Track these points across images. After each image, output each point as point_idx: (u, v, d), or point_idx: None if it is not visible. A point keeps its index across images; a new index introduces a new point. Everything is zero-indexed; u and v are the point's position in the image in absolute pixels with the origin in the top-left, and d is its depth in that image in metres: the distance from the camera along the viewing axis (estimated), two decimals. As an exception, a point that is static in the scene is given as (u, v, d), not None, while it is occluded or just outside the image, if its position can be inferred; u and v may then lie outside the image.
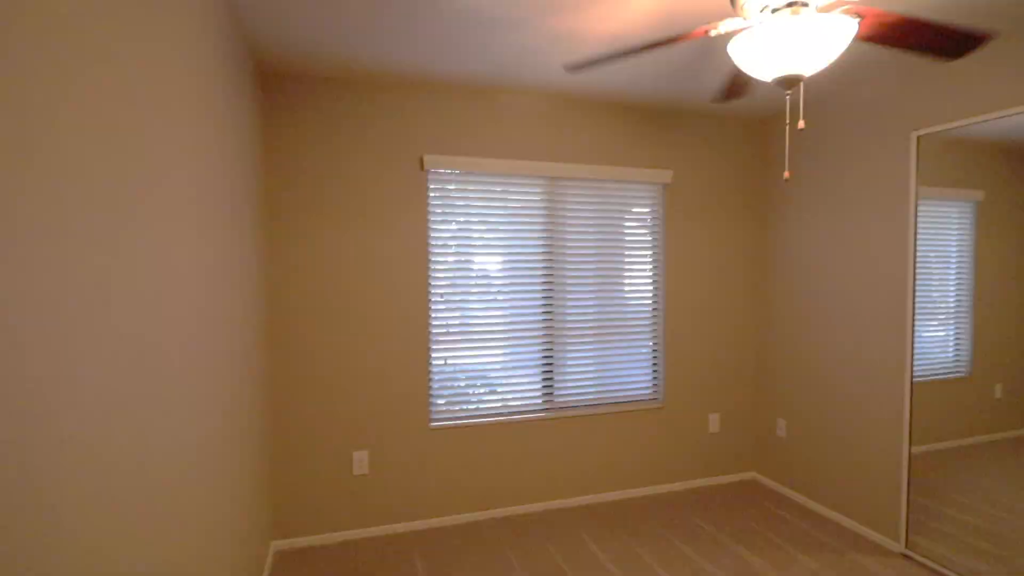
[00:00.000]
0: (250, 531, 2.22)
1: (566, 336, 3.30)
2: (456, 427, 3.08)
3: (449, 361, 3.09)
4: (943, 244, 2.57)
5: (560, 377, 3.31)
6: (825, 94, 3.09)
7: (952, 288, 2.54)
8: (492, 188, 3.13)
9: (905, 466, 2.73)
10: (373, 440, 2.95)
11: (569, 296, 3.30)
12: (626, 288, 3.43)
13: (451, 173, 3.04)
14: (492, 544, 2.85)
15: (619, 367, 3.43)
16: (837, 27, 1.39)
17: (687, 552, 2.76)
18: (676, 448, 3.54)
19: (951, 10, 2.09)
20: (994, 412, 2.41)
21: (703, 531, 2.98)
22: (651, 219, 3.46)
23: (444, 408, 3.10)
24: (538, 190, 3.20)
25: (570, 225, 3.28)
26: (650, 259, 3.46)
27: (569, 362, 3.33)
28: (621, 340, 3.42)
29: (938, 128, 2.56)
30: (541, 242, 3.23)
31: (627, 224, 3.41)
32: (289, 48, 2.42)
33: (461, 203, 3.09)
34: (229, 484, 1.84)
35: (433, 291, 3.04)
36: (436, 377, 3.08)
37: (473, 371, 3.15)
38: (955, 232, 2.52)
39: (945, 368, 2.59)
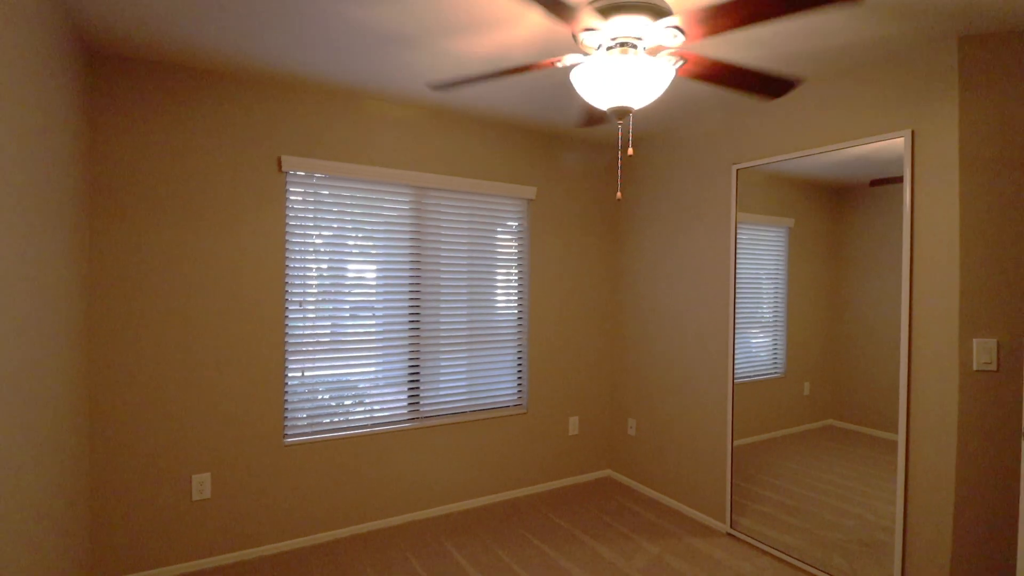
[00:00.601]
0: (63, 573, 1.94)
1: (436, 346, 3.32)
2: (316, 442, 2.95)
3: (309, 373, 2.95)
4: (765, 262, 2.99)
5: (428, 387, 3.31)
6: (668, 127, 3.46)
7: (771, 301, 2.95)
8: (368, 196, 3.08)
9: (729, 456, 3.11)
10: (216, 461, 2.72)
11: (440, 306, 3.33)
12: (494, 299, 3.54)
13: (320, 178, 2.94)
14: (350, 562, 2.76)
15: (487, 376, 3.52)
16: (660, 69, 1.59)
17: (544, 549, 2.89)
18: (539, 452, 3.70)
19: (763, 57, 2.46)
20: (803, 406, 2.83)
21: (560, 528, 3.14)
22: (517, 232, 3.61)
23: (304, 423, 2.95)
24: (407, 200, 3.20)
25: (441, 236, 3.32)
26: (516, 271, 3.61)
27: (440, 372, 3.34)
28: (489, 349, 3.52)
29: (751, 163, 2.98)
30: (410, 252, 3.22)
31: (495, 237, 3.52)
32: (127, 29, 2.20)
33: (335, 209, 3.00)
34: (22, 528, 1.60)
35: (292, 300, 2.90)
36: (299, 390, 2.93)
37: (340, 383, 3.05)
38: (773, 253, 2.94)
39: (766, 369, 2.99)
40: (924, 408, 2.30)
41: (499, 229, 3.55)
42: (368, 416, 3.13)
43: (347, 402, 3.08)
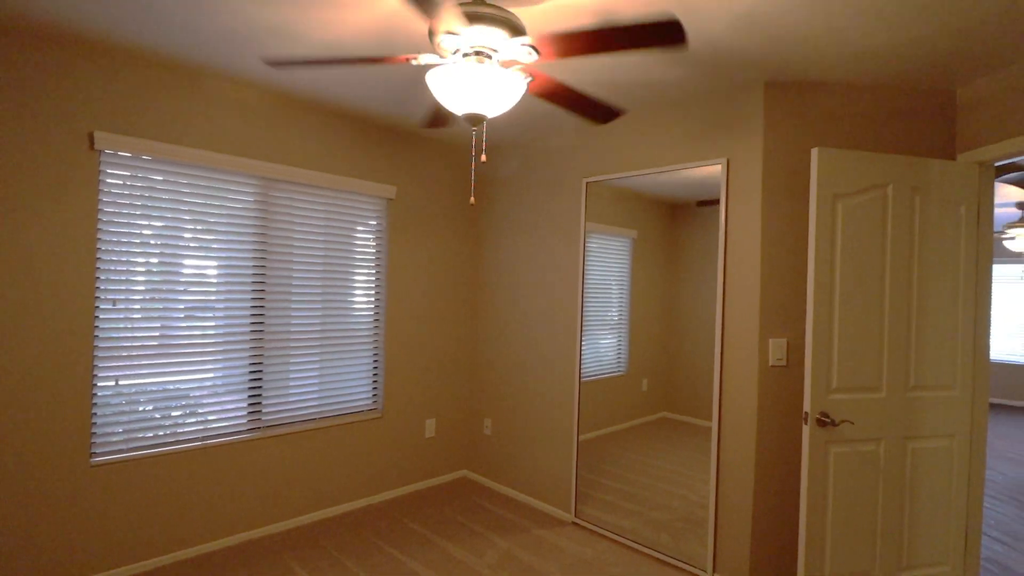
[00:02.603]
0: None
1: (285, 349, 3.10)
2: (134, 460, 2.60)
3: (128, 381, 2.59)
4: (613, 270, 3.23)
5: (273, 394, 3.08)
6: (526, 138, 3.61)
7: (617, 305, 3.20)
8: (211, 185, 2.79)
9: (575, 450, 3.32)
10: None
11: (292, 307, 3.12)
12: (350, 300, 3.40)
13: (150, 161, 2.60)
14: (176, 591, 2.47)
15: (340, 380, 3.36)
16: (513, 81, 1.65)
17: (395, 555, 2.84)
18: (394, 456, 3.62)
19: (602, 84, 2.67)
20: (642, 401, 3.10)
21: (414, 532, 3.11)
22: (375, 232, 3.51)
23: (119, 439, 2.58)
24: (253, 191, 2.95)
25: (293, 232, 3.11)
26: (373, 271, 3.51)
27: (290, 377, 3.12)
28: (343, 352, 3.37)
29: (599, 178, 3.22)
30: (256, 248, 2.98)
31: (353, 236, 3.39)
32: None
33: (167, 197, 2.66)
34: None
35: (107, 298, 2.52)
36: (112, 402, 2.55)
37: (169, 392, 2.71)
38: (619, 261, 3.19)
39: (611, 368, 3.23)
40: (732, 399, 2.66)
41: (358, 228, 3.42)
42: (202, 428, 2.83)
43: (176, 413, 2.75)
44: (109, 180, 2.51)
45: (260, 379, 3.03)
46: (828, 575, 2.29)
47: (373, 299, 3.52)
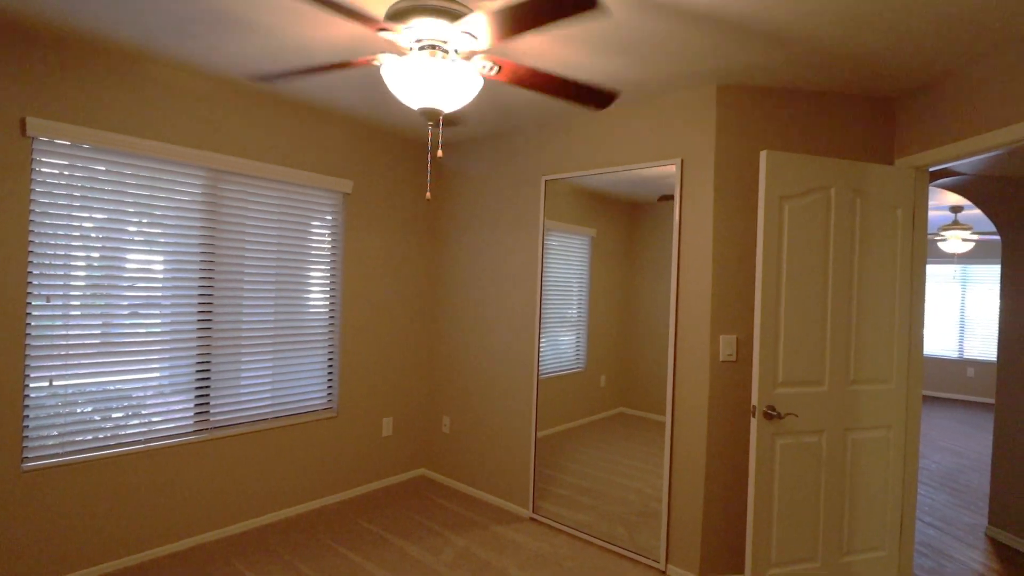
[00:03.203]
0: None
1: (236, 347, 3.00)
2: (70, 465, 2.46)
3: (64, 382, 2.46)
4: (572, 267, 3.25)
5: (222, 394, 2.98)
6: (487, 134, 3.60)
7: (576, 302, 3.23)
8: (158, 176, 2.68)
9: (533, 446, 3.34)
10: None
11: (243, 304, 3.02)
12: (305, 296, 3.32)
13: (90, 150, 2.47)
14: (116, 600, 2.36)
15: (294, 378, 3.28)
16: (468, 74, 1.64)
17: (350, 557, 2.80)
18: (350, 456, 3.56)
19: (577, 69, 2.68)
20: (600, 397, 3.14)
21: (369, 533, 3.06)
22: (331, 227, 3.44)
23: (54, 443, 2.44)
24: (201, 183, 2.85)
25: (245, 227, 3.01)
26: (329, 267, 3.43)
27: (241, 376, 3.02)
28: (297, 350, 3.29)
29: (558, 176, 3.25)
30: (202, 242, 2.87)
31: (308, 231, 3.31)
32: None
33: (111, 188, 2.54)
34: None
35: (41, 294, 2.38)
36: (47, 404, 2.41)
37: (110, 393, 2.59)
38: (579, 258, 3.22)
39: (570, 364, 3.26)
40: (685, 393, 2.72)
41: (314, 222, 3.34)
42: (146, 430, 2.72)
43: (117, 415, 2.63)
44: (44, 169, 2.37)
45: (208, 378, 2.92)
46: (774, 562, 2.38)
47: (328, 296, 3.44)
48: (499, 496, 3.54)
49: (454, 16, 1.57)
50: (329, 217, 3.42)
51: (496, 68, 1.77)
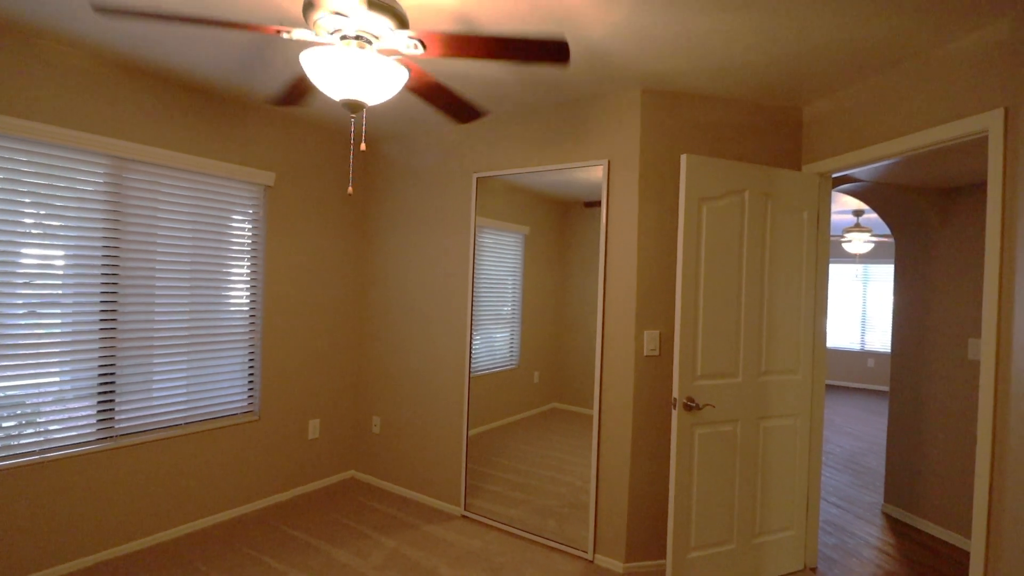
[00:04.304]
0: None
1: (148, 349, 2.80)
2: (-54, 480, 2.22)
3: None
4: (506, 264, 3.26)
5: (131, 399, 2.77)
6: (417, 129, 3.55)
7: (510, 299, 3.24)
8: (56, 163, 2.46)
9: (464, 444, 3.34)
10: None
11: (155, 303, 2.82)
12: (224, 295, 3.14)
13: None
14: (3, 627, 2.15)
15: (211, 381, 3.11)
16: (395, 71, 1.61)
17: (272, 565, 2.69)
18: (274, 460, 3.42)
19: (487, 83, 2.69)
20: (534, 393, 3.17)
21: (294, 539, 2.96)
22: (252, 221, 3.28)
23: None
24: (104, 173, 2.64)
25: (157, 220, 2.82)
26: (250, 264, 3.28)
27: (153, 380, 2.83)
28: (215, 352, 3.11)
29: (489, 173, 3.25)
30: (105, 236, 2.66)
31: (227, 225, 3.14)
32: None
33: (2, 176, 2.31)
34: None
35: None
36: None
37: (-14, 400, 2.35)
38: (513, 256, 3.24)
39: (504, 362, 3.27)
40: (611, 387, 2.81)
41: (234, 216, 3.18)
42: (42, 439, 2.49)
43: (8, 424, 2.40)
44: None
45: (113, 382, 2.72)
46: (693, 546, 2.50)
47: (249, 294, 3.28)
48: (431, 495, 3.51)
49: (402, 22, 1.56)
50: (250, 211, 3.26)
51: (420, 45, 1.73)
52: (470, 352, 3.33)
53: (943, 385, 3.32)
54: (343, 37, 1.59)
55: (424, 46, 1.63)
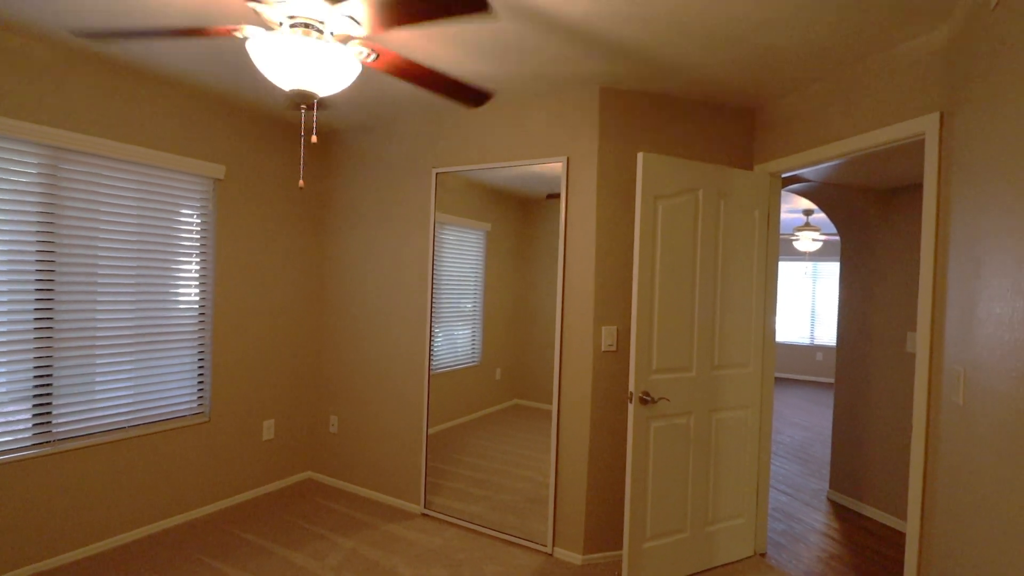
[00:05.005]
0: None
1: (86, 349, 2.66)
2: None
3: None
4: (468, 261, 3.24)
5: (71, 402, 2.63)
6: (375, 123, 3.49)
7: (472, 296, 3.22)
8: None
9: (424, 441, 3.31)
10: None
11: (98, 300, 2.68)
12: (172, 292, 3.02)
13: None
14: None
15: (158, 382, 2.98)
16: (345, 58, 1.58)
17: (225, 570, 2.60)
18: (226, 462, 3.31)
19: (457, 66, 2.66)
20: (496, 389, 3.16)
21: (247, 543, 2.87)
22: (202, 216, 3.16)
23: None
24: (35, 161, 2.49)
25: (100, 214, 2.67)
26: (200, 260, 3.15)
27: (96, 381, 2.69)
28: (162, 352, 2.99)
29: (449, 169, 3.23)
30: (40, 230, 2.51)
31: (174, 219, 3.01)
32: None
33: None
34: None
35: None
36: None
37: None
38: (474, 252, 3.22)
39: (466, 359, 3.25)
40: (570, 382, 2.83)
41: (183, 210, 3.05)
42: (-32, 446, 2.34)
43: (-73, 430, 2.24)
44: None
45: (50, 385, 2.58)
46: (649, 535, 2.55)
47: (199, 291, 3.17)
48: (390, 494, 3.47)
49: None
50: (199, 205, 3.14)
51: (373, 55, 1.71)
52: (430, 349, 3.30)
53: (884, 377, 3.48)
54: (292, 26, 1.54)
55: (358, 22, 1.58)
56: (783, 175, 2.97)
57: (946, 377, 1.84)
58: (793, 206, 6.00)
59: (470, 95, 1.59)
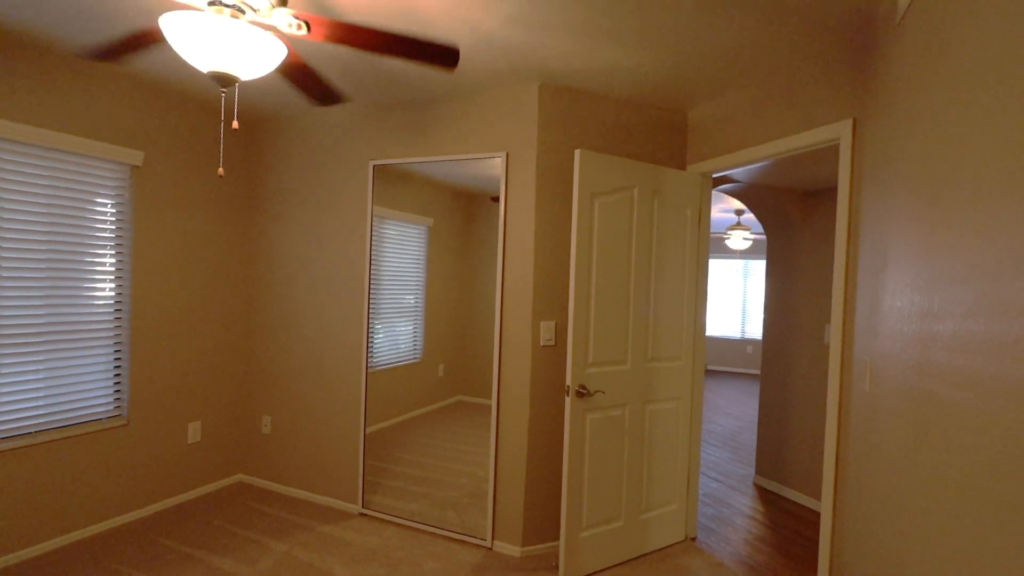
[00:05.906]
0: None
1: (-27, 348, 2.43)
2: None
3: None
4: (410, 256, 3.18)
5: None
6: (313, 112, 3.37)
7: (414, 291, 3.17)
8: None
9: (362, 440, 3.24)
10: None
11: (2, 296, 2.45)
12: (84, 288, 2.80)
13: None
14: None
15: (69, 384, 2.76)
16: (273, 46, 1.51)
17: (145, 581, 2.46)
18: (147, 467, 3.12)
19: (381, 72, 2.61)
20: (438, 386, 3.13)
21: (171, 551, 2.72)
22: (118, 205, 2.95)
23: None
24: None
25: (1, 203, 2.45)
26: (115, 253, 2.95)
27: (1, 383, 2.46)
28: (73, 352, 2.77)
29: (387, 161, 3.16)
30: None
31: (86, 209, 2.79)
32: None
33: None
34: None
35: None
36: None
37: None
38: (416, 248, 3.16)
39: (408, 355, 3.20)
40: (509, 377, 2.85)
41: (97, 200, 2.84)
42: None
43: None
44: None
45: (-60, 388, 2.34)
46: (585, 525, 2.61)
47: (116, 286, 2.96)
48: (327, 495, 3.38)
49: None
50: (115, 194, 2.93)
51: (304, 26, 1.60)
52: (368, 345, 3.23)
53: (805, 368, 3.70)
54: (212, 3, 1.46)
55: (309, 28, 1.54)
56: (714, 175, 3.09)
57: (856, 367, 1.97)
58: (726, 206, 6.26)
59: (436, 53, 1.46)
